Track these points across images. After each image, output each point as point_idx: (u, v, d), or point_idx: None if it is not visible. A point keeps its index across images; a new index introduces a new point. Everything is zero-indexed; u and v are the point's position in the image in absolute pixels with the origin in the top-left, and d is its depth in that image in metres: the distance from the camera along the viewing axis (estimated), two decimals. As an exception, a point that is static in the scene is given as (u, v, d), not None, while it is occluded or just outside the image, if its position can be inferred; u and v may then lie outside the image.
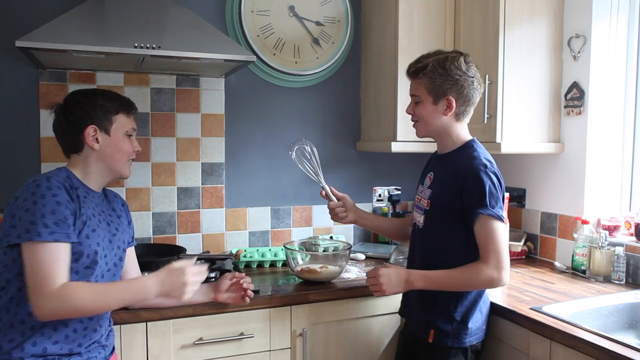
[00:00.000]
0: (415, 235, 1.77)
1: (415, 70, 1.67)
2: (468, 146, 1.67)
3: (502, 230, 1.57)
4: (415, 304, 1.75)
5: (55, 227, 1.34)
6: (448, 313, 1.64)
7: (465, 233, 1.61)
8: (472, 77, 1.63)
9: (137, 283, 1.48)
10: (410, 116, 1.74)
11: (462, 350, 1.65)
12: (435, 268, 1.63)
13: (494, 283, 1.56)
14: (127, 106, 1.57)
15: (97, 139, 1.50)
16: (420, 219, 1.73)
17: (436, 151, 1.79)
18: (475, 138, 1.71)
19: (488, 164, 1.60)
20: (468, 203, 1.58)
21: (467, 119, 1.69)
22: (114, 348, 1.59)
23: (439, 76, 1.61)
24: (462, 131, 1.69)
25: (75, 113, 1.50)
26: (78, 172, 1.52)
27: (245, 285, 1.77)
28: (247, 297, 1.76)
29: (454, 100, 1.62)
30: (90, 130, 1.49)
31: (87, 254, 1.42)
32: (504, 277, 1.55)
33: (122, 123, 1.54)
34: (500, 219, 1.56)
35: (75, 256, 1.40)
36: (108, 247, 1.51)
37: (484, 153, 1.64)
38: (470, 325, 1.64)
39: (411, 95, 1.71)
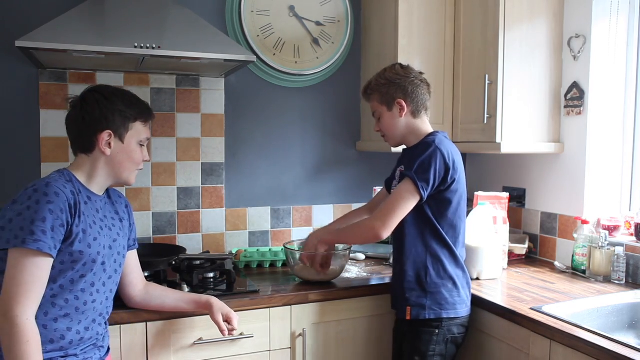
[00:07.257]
0: None
1: (365, 91, 1.86)
2: (430, 135, 1.78)
3: (407, 194, 1.68)
4: (394, 287, 1.86)
5: (42, 236, 1.29)
6: (421, 285, 1.74)
7: (424, 211, 1.72)
8: (413, 77, 1.78)
9: None
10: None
11: (442, 335, 1.72)
12: (402, 246, 1.77)
13: (373, 231, 1.69)
14: (145, 114, 1.52)
15: (110, 144, 1.46)
16: None
17: (404, 147, 1.89)
18: (439, 131, 1.80)
19: (440, 146, 1.69)
20: None
21: (424, 114, 1.82)
22: (108, 349, 1.58)
23: (383, 86, 1.79)
24: (423, 126, 1.81)
25: (93, 113, 1.44)
26: (82, 174, 1.47)
27: (231, 329, 1.66)
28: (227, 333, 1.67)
29: (403, 101, 1.77)
30: (105, 135, 1.44)
31: (85, 262, 1.39)
32: (382, 230, 1.68)
33: (137, 131, 1.50)
34: (415, 184, 1.66)
35: (73, 265, 1.38)
36: (107, 255, 1.47)
37: (440, 140, 1.72)
38: (446, 295, 1.73)
39: (372, 114, 1.87)
